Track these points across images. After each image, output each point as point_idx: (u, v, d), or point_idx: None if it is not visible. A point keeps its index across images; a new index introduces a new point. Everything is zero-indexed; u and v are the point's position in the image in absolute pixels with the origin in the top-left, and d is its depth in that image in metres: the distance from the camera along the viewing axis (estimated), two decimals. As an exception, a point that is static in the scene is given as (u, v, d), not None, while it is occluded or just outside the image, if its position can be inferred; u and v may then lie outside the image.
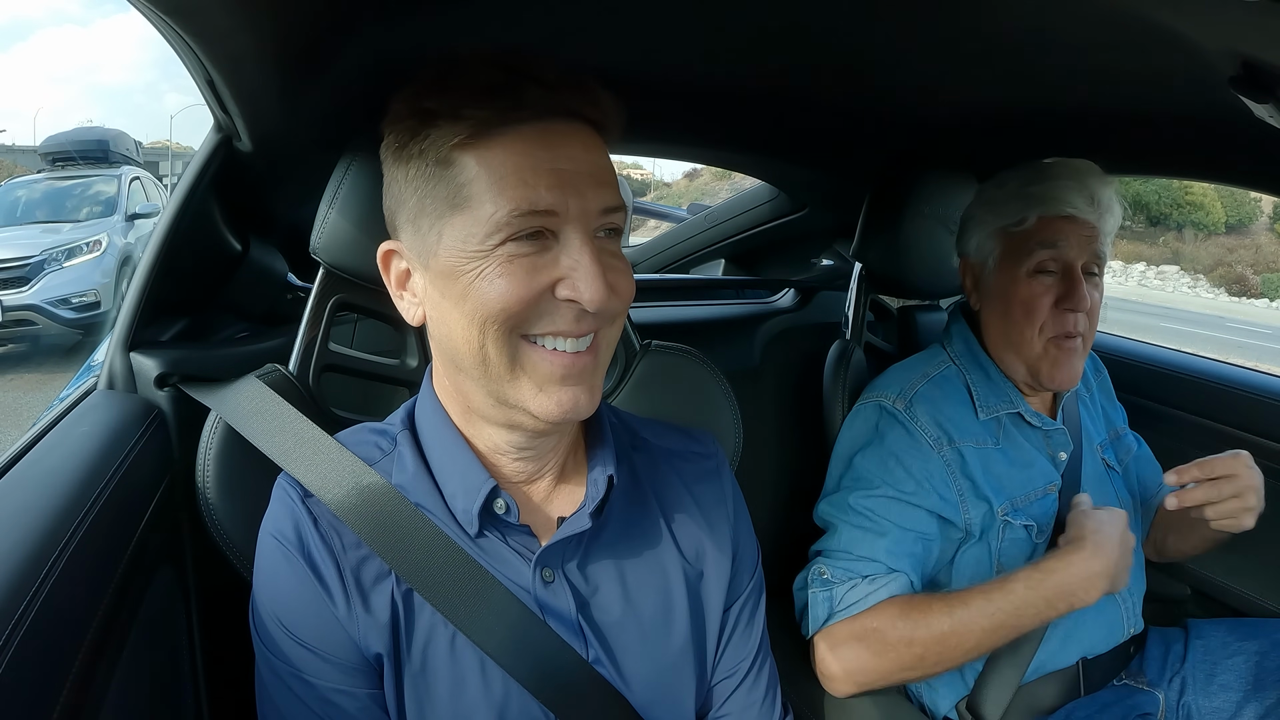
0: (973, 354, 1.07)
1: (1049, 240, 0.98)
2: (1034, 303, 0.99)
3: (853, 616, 0.92)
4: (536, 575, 0.63)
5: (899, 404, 1.02)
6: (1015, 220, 1.01)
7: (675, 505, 0.71)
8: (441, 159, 0.56)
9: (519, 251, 0.55)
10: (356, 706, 0.61)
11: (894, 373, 1.09)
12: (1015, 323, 1.01)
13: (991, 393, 1.04)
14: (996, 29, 0.75)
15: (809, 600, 0.96)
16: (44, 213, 6.37)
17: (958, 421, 1.01)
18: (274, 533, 0.62)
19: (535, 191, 0.54)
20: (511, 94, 0.54)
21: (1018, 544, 0.98)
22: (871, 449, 1.01)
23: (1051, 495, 1.01)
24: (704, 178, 30.37)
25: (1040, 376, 1.01)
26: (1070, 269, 0.98)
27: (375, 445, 0.67)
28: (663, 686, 0.67)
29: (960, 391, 1.04)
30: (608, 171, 0.58)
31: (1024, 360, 1.02)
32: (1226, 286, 19.97)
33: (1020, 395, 1.04)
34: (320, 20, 0.66)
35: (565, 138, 0.56)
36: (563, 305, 0.56)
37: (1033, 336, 1.00)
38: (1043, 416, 1.04)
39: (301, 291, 1.15)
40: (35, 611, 0.47)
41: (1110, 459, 1.11)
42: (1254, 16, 0.51)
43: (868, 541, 0.95)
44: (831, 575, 0.95)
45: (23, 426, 1.10)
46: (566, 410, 0.58)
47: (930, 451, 0.98)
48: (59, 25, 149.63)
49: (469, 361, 0.58)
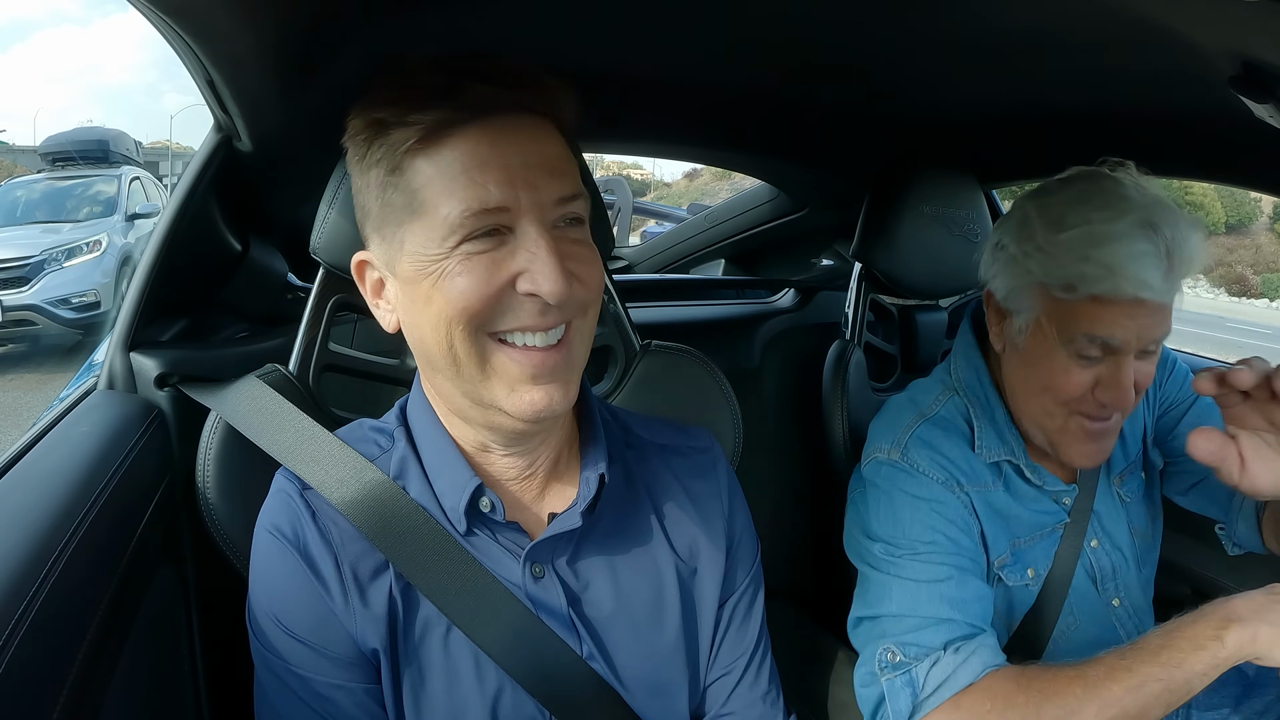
0: (982, 388, 0.93)
1: (1099, 335, 0.80)
2: (1067, 383, 0.83)
3: (950, 701, 0.75)
4: (526, 570, 0.63)
5: (894, 455, 0.90)
6: (1062, 285, 0.80)
7: (669, 501, 0.71)
8: (396, 166, 0.56)
9: (476, 250, 0.55)
10: (352, 702, 0.61)
11: (884, 418, 0.97)
12: (1037, 393, 0.86)
13: (995, 438, 0.91)
14: (997, 29, 0.75)
15: (885, 693, 0.79)
16: (44, 213, 6.38)
17: (960, 464, 0.89)
18: (269, 527, 0.62)
19: (485, 189, 0.54)
20: (455, 95, 0.54)
21: (1015, 591, 0.92)
22: (884, 510, 0.87)
23: (1058, 533, 0.93)
24: (704, 178, 30.40)
25: (1060, 452, 0.88)
26: (1119, 357, 0.80)
27: (374, 442, 0.67)
28: (656, 683, 0.67)
29: (961, 431, 0.92)
30: (561, 160, 0.58)
31: (1042, 430, 0.88)
32: (1226, 286, 19.97)
33: (1022, 445, 0.91)
34: (320, 20, 0.66)
35: (513, 133, 0.56)
36: (525, 300, 0.56)
37: (1055, 410, 0.85)
38: (1043, 473, 0.91)
39: (301, 291, 1.15)
40: (35, 611, 0.47)
41: (1129, 491, 0.98)
42: (1254, 16, 0.51)
43: (925, 594, 0.80)
44: (904, 655, 0.79)
45: (23, 426, 1.09)
46: (540, 409, 0.58)
47: (945, 491, 0.87)
48: (58, 25, 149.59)
49: (442, 363, 0.59)
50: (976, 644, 0.78)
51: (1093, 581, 0.96)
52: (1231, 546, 1.02)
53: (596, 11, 0.76)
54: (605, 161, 31.77)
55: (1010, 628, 0.93)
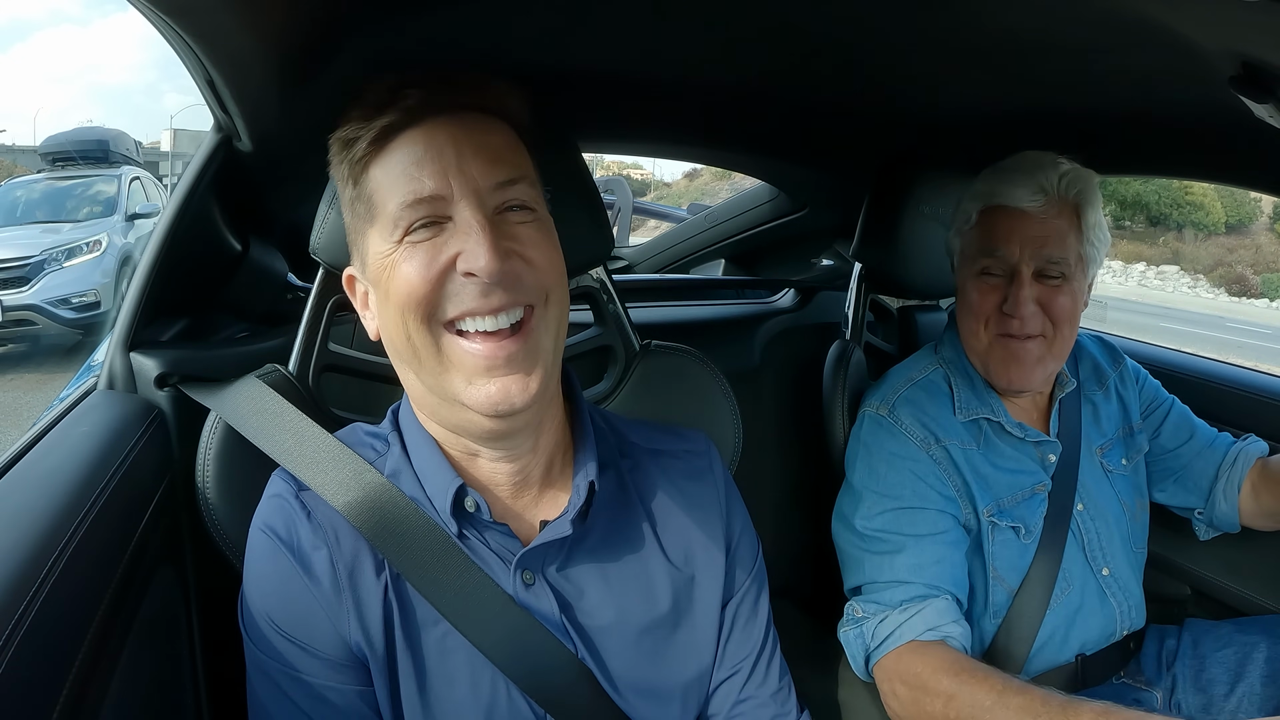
0: (959, 358, 1.05)
1: (989, 247, 0.96)
2: (978, 303, 0.98)
3: (898, 652, 0.87)
4: (517, 577, 0.63)
5: (882, 410, 1.01)
6: (964, 218, 1.01)
7: (663, 508, 0.71)
8: (356, 179, 0.61)
9: (418, 239, 0.58)
10: (344, 703, 0.61)
11: (882, 380, 1.08)
12: (964, 316, 1.01)
13: (973, 397, 1.02)
14: (996, 29, 0.75)
15: (845, 643, 0.93)
16: (44, 213, 6.37)
17: (941, 421, 1.00)
18: (263, 527, 0.63)
19: (419, 182, 0.57)
20: (395, 103, 0.58)
21: (1008, 546, 0.97)
22: (861, 461, 1.00)
23: (1040, 495, 0.99)
24: (704, 178, 30.38)
25: (990, 374, 1.00)
26: (1015, 274, 0.95)
27: (370, 446, 0.68)
28: (650, 688, 0.67)
29: (944, 393, 1.03)
30: (503, 149, 0.60)
31: (977, 356, 1.01)
32: (1226, 286, 19.96)
33: (1001, 403, 1.01)
34: (320, 20, 0.66)
35: (452, 129, 0.59)
36: (468, 282, 0.57)
37: (979, 330, 0.99)
38: (1025, 427, 1.01)
39: (301, 291, 1.15)
40: (35, 611, 0.47)
41: (1112, 462, 1.07)
42: (1254, 16, 0.51)
43: (887, 564, 0.92)
44: (863, 611, 0.92)
45: (23, 426, 1.09)
46: (497, 402, 0.58)
47: (919, 451, 0.97)
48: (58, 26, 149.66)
49: (405, 356, 0.61)
50: (926, 605, 0.88)
51: (1081, 549, 1.00)
52: (1205, 530, 1.13)
53: (597, 13, 0.76)
54: (605, 161, 31.74)
55: (1011, 592, 0.97)
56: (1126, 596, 1.03)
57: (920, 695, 0.84)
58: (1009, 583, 0.97)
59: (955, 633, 0.87)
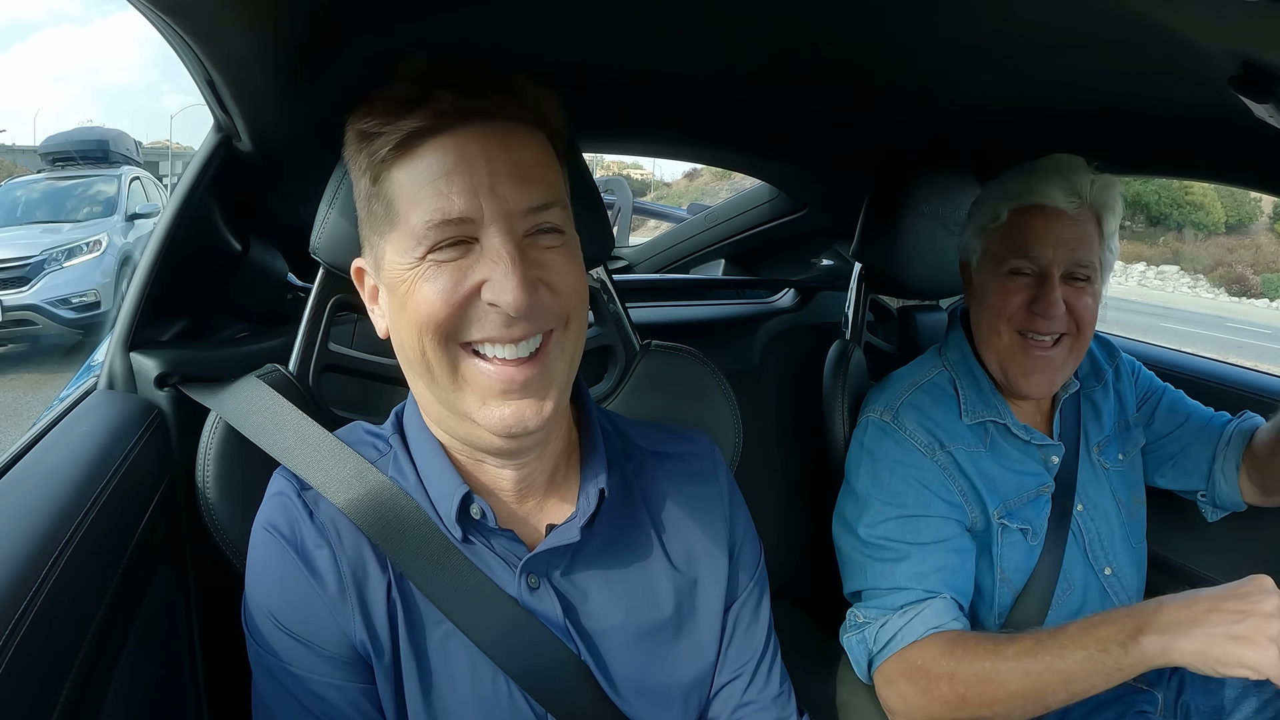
0: (965, 360, 1.04)
1: (1021, 247, 0.95)
2: (1003, 302, 0.97)
3: (899, 653, 0.88)
4: (522, 581, 0.63)
5: (886, 416, 1.00)
6: (992, 217, 0.99)
7: (667, 512, 0.70)
8: (375, 177, 0.58)
9: (443, 259, 0.56)
10: (346, 701, 0.60)
11: (885, 384, 1.08)
12: (985, 315, 1.00)
13: (979, 400, 1.01)
14: (997, 28, 0.75)
15: (848, 648, 0.94)
16: (44, 213, 6.37)
17: (946, 426, 0.99)
18: (266, 525, 0.62)
19: (449, 200, 0.54)
20: (427, 104, 0.55)
21: (1015, 548, 0.97)
22: (865, 467, 0.99)
23: (1044, 497, 0.99)
24: (704, 178, 30.39)
25: (1008, 376, 0.99)
26: (1046, 274, 0.95)
27: (372, 445, 0.67)
28: (653, 691, 0.67)
29: (949, 396, 1.02)
30: (536, 167, 0.58)
31: (996, 355, 1.00)
32: (1226, 286, 19.96)
33: (1007, 406, 1.01)
34: (320, 20, 0.66)
35: (484, 140, 0.56)
36: (490, 310, 0.56)
37: (1001, 327, 0.98)
38: (1030, 429, 1.01)
39: (301, 291, 1.15)
40: (35, 611, 0.47)
41: (1108, 459, 1.07)
42: (1254, 16, 0.51)
43: (889, 571, 0.92)
44: (865, 616, 0.93)
45: (23, 426, 1.09)
46: (510, 425, 0.57)
47: (923, 457, 0.96)
48: (58, 25, 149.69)
49: (418, 369, 0.59)
50: (925, 606, 0.89)
51: (1082, 549, 1.00)
52: (1212, 512, 1.11)
53: (597, 12, 0.76)
54: (605, 161, 31.77)
55: (1015, 592, 0.98)
56: (1129, 596, 1.03)
57: (926, 685, 0.85)
58: (1014, 584, 0.98)
59: (955, 629, 0.87)
